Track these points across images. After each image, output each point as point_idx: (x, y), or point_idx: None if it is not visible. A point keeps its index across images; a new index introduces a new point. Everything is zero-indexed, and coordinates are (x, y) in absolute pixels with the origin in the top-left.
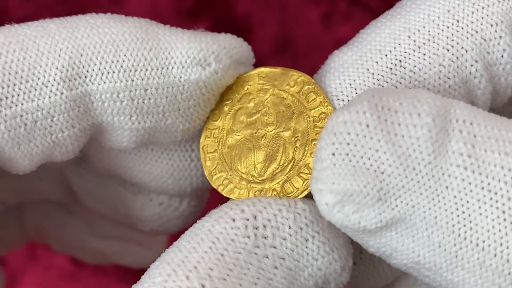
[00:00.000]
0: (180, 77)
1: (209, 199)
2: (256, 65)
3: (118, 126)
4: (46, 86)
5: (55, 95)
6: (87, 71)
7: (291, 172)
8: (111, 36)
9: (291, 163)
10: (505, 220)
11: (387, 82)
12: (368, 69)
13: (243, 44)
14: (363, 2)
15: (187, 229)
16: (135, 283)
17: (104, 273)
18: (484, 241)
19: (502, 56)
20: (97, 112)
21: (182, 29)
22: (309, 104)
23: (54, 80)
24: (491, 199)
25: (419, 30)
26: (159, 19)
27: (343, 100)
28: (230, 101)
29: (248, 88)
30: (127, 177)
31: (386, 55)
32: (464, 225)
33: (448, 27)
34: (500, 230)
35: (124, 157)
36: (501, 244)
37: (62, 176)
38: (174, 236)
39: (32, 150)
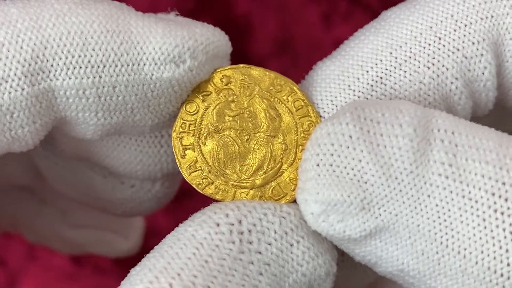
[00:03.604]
0: (152, 74)
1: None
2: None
3: (83, 121)
4: (6, 81)
5: (16, 91)
6: (51, 65)
7: (279, 176)
8: (78, 26)
9: (279, 167)
10: (485, 228)
11: (367, 98)
12: (349, 86)
13: (221, 36)
14: (363, 2)
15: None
16: None
17: (103, 273)
18: (465, 249)
19: (483, 73)
20: (60, 107)
21: (156, 19)
22: (297, 111)
23: (15, 74)
24: (471, 207)
25: (401, 47)
26: None
27: (324, 117)
28: (208, 94)
29: (228, 84)
30: (95, 161)
31: (367, 72)
32: (446, 233)
33: (429, 44)
34: (481, 238)
35: (91, 143)
36: (482, 252)
37: (29, 159)
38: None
39: None
